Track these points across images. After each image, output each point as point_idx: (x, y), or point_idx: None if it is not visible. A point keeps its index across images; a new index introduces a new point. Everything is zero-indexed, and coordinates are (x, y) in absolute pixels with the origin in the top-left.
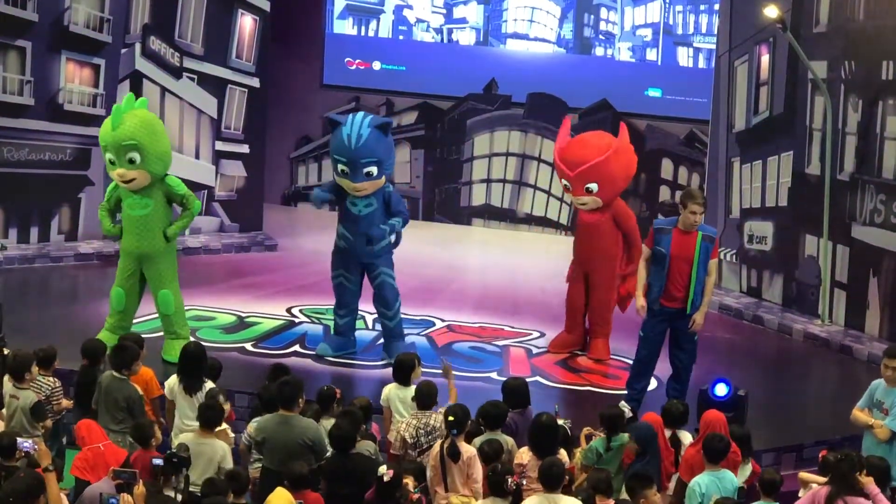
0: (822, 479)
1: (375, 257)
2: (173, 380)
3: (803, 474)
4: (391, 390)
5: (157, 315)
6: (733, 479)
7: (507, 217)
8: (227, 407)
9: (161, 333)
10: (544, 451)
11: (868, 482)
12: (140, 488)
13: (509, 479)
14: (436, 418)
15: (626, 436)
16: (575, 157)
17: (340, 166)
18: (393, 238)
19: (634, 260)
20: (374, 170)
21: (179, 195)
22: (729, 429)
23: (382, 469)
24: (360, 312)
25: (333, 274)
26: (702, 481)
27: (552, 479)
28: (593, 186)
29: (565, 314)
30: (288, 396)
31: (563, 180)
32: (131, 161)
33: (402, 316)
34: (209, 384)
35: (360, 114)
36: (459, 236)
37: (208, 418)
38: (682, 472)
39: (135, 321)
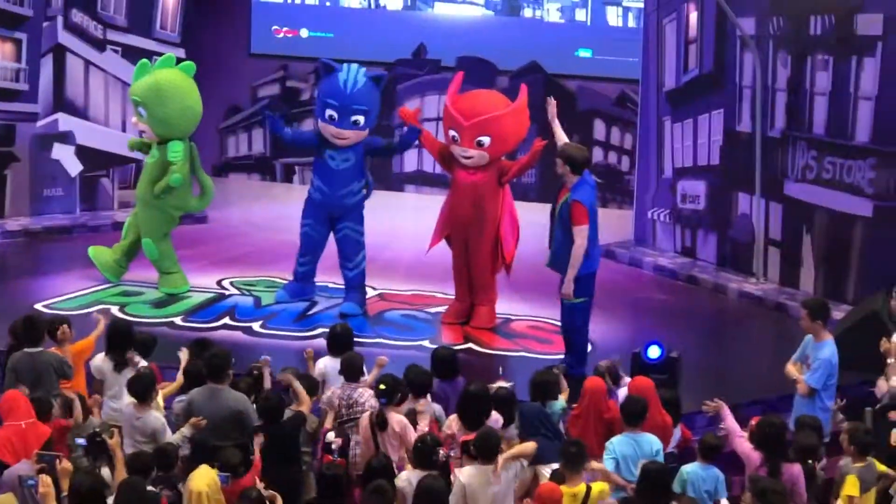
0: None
1: (347, 211)
2: (100, 358)
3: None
4: (325, 363)
5: (90, 290)
6: (653, 441)
7: (440, 183)
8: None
9: (94, 309)
10: (473, 422)
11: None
12: (66, 465)
13: (441, 452)
14: (360, 392)
15: (561, 402)
16: (471, 108)
17: (329, 111)
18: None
19: None
20: (361, 119)
21: (168, 160)
22: (658, 393)
23: (331, 436)
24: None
25: (303, 222)
26: (616, 441)
27: (489, 450)
28: (485, 140)
29: (454, 282)
30: (217, 368)
31: (451, 130)
32: (140, 113)
33: (333, 286)
34: (140, 361)
35: (355, 64)
36: (392, 203)
37: (138, 391)
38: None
39: (70, 295)
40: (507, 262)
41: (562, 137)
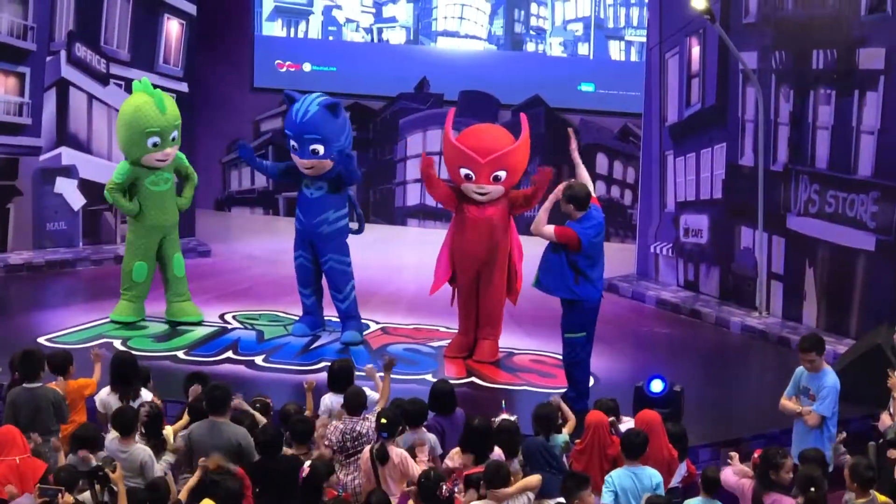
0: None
1: (325, 241)
2: (105, 392)
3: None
4: (330, 399)
5: (96, 324)
6: (653, 474)
7: (443, 217)
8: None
9: (95, 343)
10: (478, 455)
11: None
12: (68, 498)
13: (444, 487)
14: (363, 424)
15: (563, 436)
16: (483, 144)
17: (291, 141)
18: (356, 225)
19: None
20: (319, 148)
21: (185, 166)
22: (665, 426)
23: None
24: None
25: (295, 255)
26: (615, 474)
27: (499, 483)
28: (502, 174)
29: (459, 317)
30: (219, 400)
31: (462, 168)
32: (173, 139)
33: (336, 320)
34: (147, 394)
35: (315, 94)
36: (394, 237)
37: (122, 424)
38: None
39: (73, 329)
40: (519, 290)
41: (582, 175)
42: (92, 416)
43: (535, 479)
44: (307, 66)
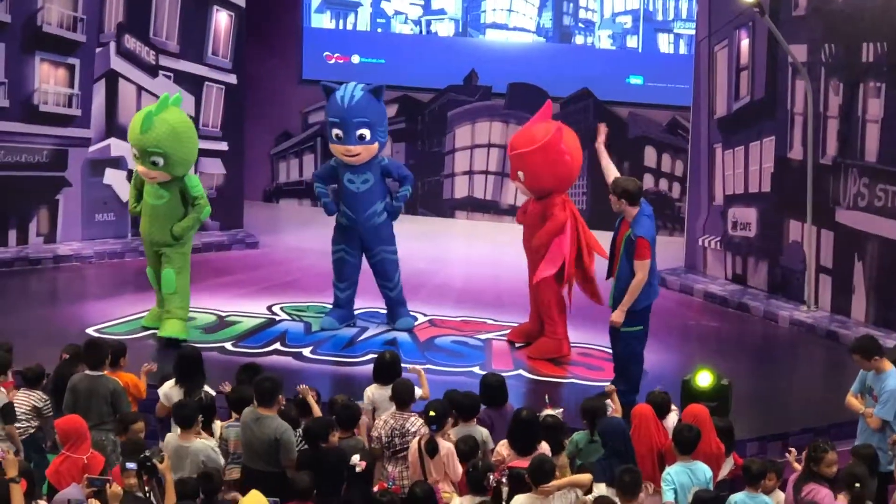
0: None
1: (376, 233)
2: (168, 385)
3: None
4: (373, 391)
5: (140, 315)
6: (706, 469)
7: (491, 209)
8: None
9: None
10: (524, 447)
11: None
12: (116, 489)
13: (490, 477)
14: (412, 421)
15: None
16: (514, 140)
17: (335, 130)
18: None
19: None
20: (366, 132)
21: (192, 196)
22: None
23: (355, 459)
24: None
25: (334, 249)
26: (672, 471)
27: (544, 477)
28: (520, 174)
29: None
30: (268, 391)
31: None
32: (154, 163)
33: (384, 311)
34: (211, 390)
35: (354, 82)
36: (442, 229)
37: (182, 418)
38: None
39: (121, 320)
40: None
41: (609, 169)
42: (144, 409)
43: (585, 477)
44: (356, 59)
